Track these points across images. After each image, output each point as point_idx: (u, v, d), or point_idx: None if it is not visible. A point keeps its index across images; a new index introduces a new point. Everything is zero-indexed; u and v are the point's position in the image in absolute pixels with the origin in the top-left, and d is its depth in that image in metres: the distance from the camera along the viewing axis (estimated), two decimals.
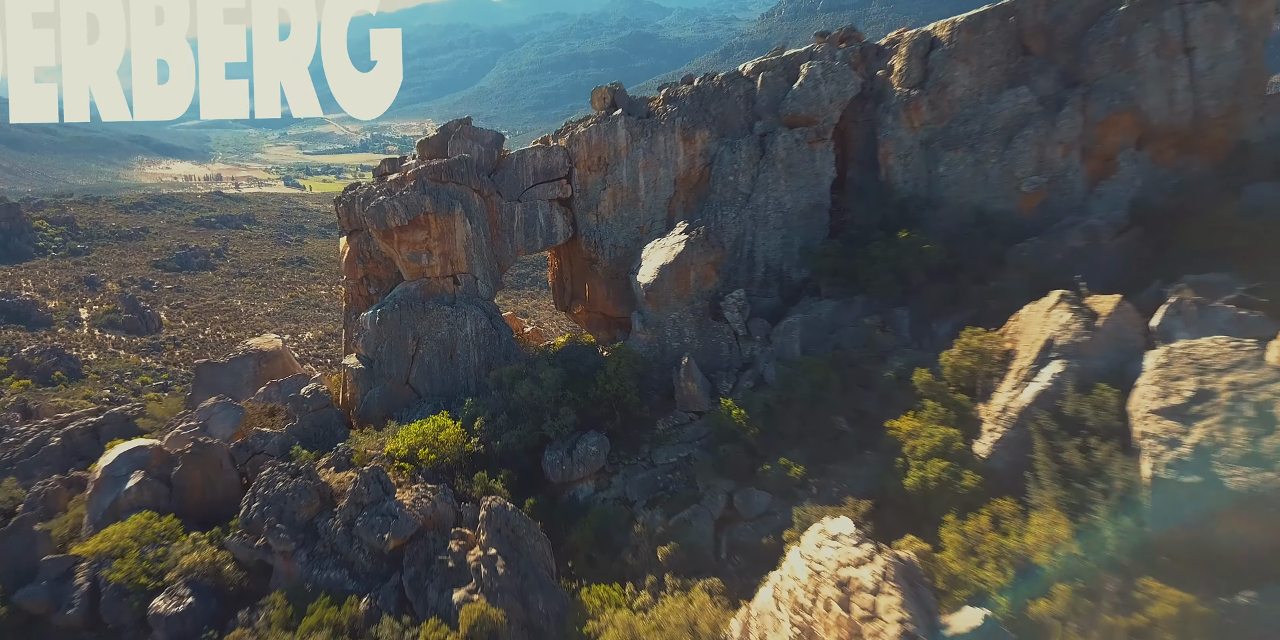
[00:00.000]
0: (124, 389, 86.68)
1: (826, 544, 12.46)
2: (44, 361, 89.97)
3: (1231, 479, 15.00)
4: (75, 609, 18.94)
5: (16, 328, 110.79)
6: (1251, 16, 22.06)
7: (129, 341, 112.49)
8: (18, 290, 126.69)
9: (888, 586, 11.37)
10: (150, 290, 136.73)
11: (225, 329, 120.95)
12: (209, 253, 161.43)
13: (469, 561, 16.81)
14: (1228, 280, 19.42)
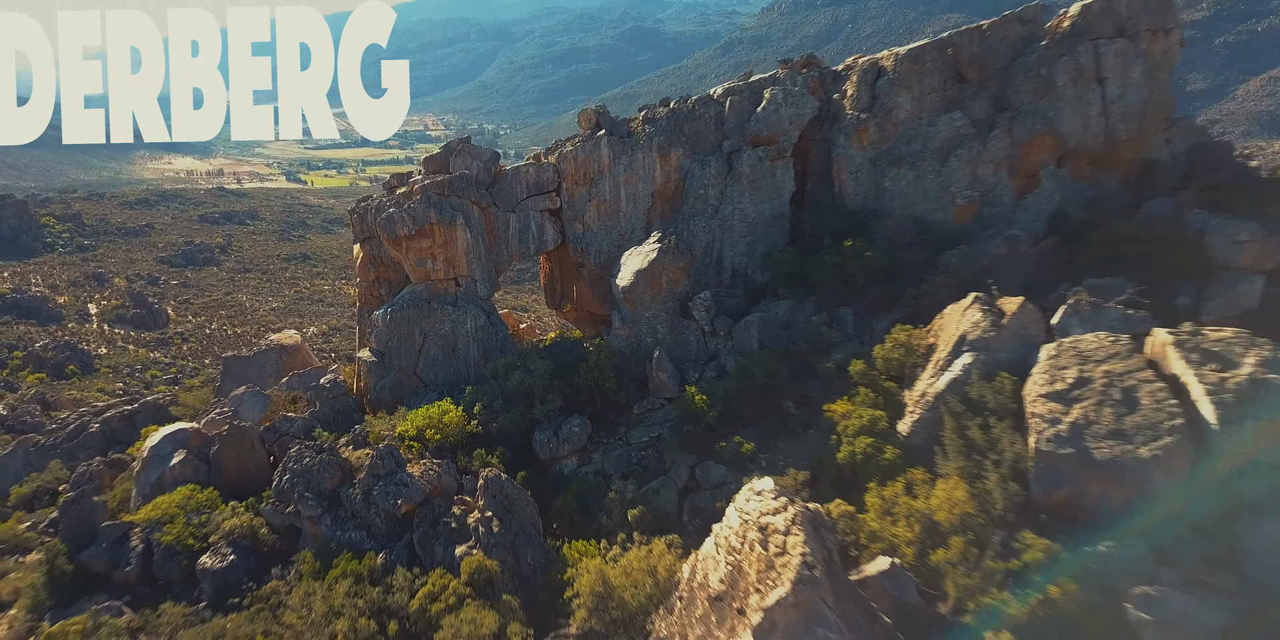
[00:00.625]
0: (136, 382, 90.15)
1: (753, 498, 15.69)
2: (58, 356, 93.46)
3: (1098, 450, 18.19)
4: (132, 567, 22.24)
5: (28, 323, 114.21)
6: (1156, 51, 25.23)
7: (137, 336, 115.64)
8: (28, 286, 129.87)
9: (795, 529, 14.57)
10: (157, 286, 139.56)
11: (231, 324, 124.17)
12: (214, 249, 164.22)
13: (469, 523, 20.09)
14: (1120, 284, 22.63)
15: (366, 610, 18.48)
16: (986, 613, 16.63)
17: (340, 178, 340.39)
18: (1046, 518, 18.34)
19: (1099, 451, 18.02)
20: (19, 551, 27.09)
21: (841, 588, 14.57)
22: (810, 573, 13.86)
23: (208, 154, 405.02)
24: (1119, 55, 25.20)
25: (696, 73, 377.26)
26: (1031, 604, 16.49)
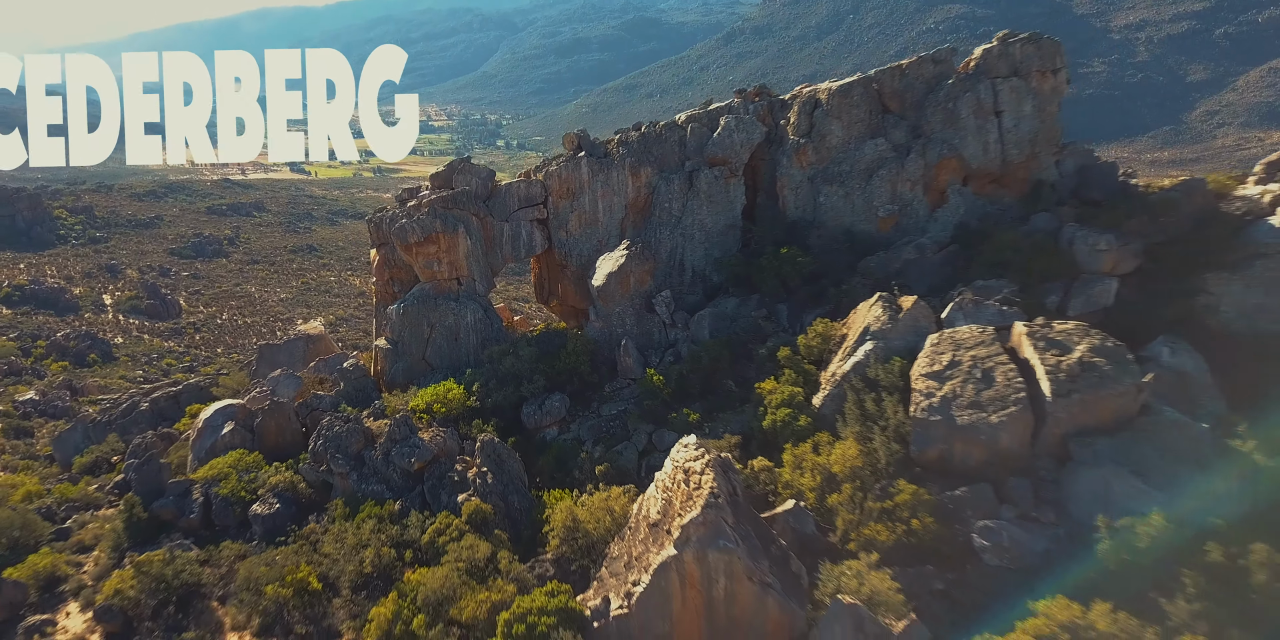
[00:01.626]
0: (154, 370, 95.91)
1: (682, 449, 20.96)
2: (79, 345, 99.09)
3: (960, 418, 23.46)
4: (195, 514, 27.63)
5: (46, 313, 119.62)
6: (1045, 88, 30.37)
7: (152, 326, 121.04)
8: (44, 277, 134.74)
9: (708, 470, 19.84)
10: (168, 277, 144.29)
11: (242, 314, 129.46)
12: (222, 240, 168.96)
13: (469, 476, 25.45)
14: (1001, 285, 27.81)
15: (388, 542, 23.85)
16: (865, 540, 21.99)
17: (344, 168, 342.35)
18: (920, 470, 23.68)
19: (961, 418, 23.34)
20: (91, 507, 32.50)
21: (741, 514, 19.89)
22: (715, 501, 19.18)
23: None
24: (1013, 92, 30.38)
25: (699, 63, 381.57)
26: (898, 533, 21.86)
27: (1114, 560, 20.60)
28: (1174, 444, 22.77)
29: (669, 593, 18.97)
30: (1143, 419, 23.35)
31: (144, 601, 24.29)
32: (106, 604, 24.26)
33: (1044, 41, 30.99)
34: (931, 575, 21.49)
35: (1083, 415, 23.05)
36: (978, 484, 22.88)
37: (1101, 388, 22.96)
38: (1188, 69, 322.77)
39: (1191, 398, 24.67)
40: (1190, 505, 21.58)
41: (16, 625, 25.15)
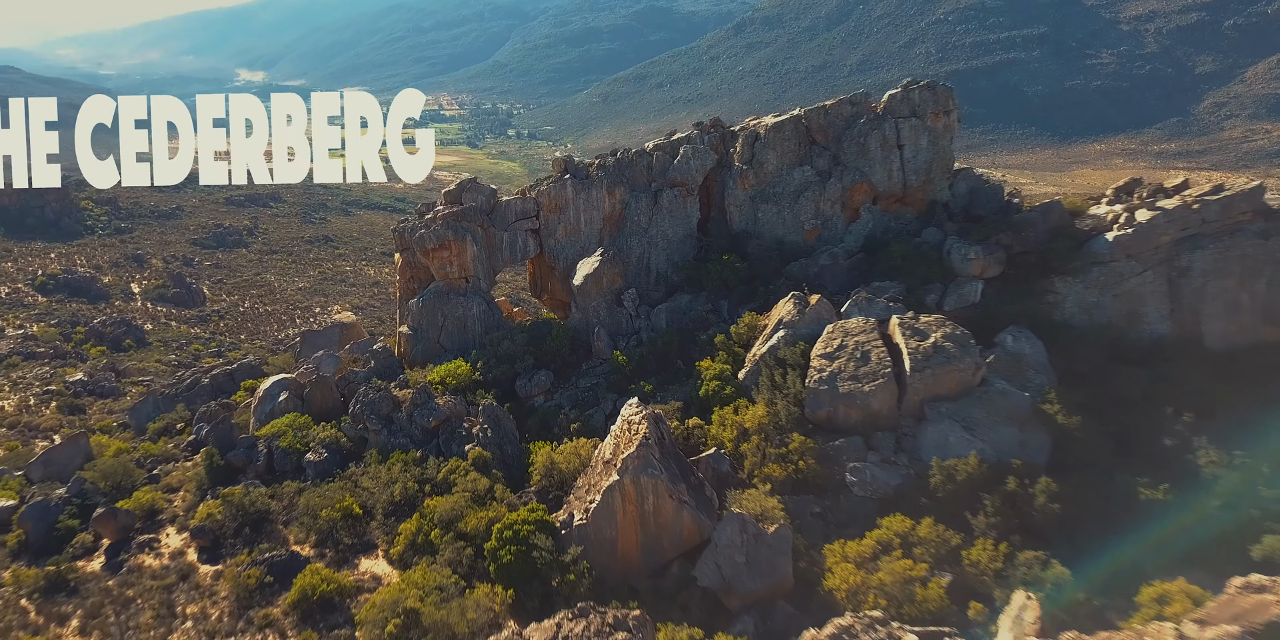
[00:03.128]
0: (185, 354, 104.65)
1: (629, 407, 29.16)
2: (115, 331, 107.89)
3: (842, 387, 31.55)
4: (260, 462, 36.02)
5: (79, 301, 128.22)
6: (938, 126, 38.31)
7: (178, 313, 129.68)
8: (74, 267, 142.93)
9: (643, 421, 28.01)
10: (192, 267, 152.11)
11: (262, 302, 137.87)
12: (241, 231, 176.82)
13: (474, 432, 33.76)
14: (891, 286, 35.88)
15: (411, 479, 32.20)
16: (764, 476, 30.14)
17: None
18: (811, 427, 31.87)
19: (843, 388, 31.49)
20: (170, 461, 40.94)
21: (667, 452, 28.10)
22: (647, 442, 27.39)
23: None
24: (912, 129, 38.38)
25: (709, 53, 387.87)
26: (789, 471, 30.01)
27: (941, 490, 28.88)
28: (1000, 407, 30.97)
29: (614, 507, 27.22)
30: (980, 388, 31.57)
31: (227, 524, 32.75)
32: (200, 525, 32.73)
33: (939, 88, 38.93)
34: (811, 502, 29.83)
35: (934, 386, 31.23)
36: (852, 437, 31.20)
37: (948, 365, 31.13)
38: (1196, 61, 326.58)
39: (1024, 374, 32.74)
40: (1001, 451, 29.82)
41: (130, 542, 33.67)
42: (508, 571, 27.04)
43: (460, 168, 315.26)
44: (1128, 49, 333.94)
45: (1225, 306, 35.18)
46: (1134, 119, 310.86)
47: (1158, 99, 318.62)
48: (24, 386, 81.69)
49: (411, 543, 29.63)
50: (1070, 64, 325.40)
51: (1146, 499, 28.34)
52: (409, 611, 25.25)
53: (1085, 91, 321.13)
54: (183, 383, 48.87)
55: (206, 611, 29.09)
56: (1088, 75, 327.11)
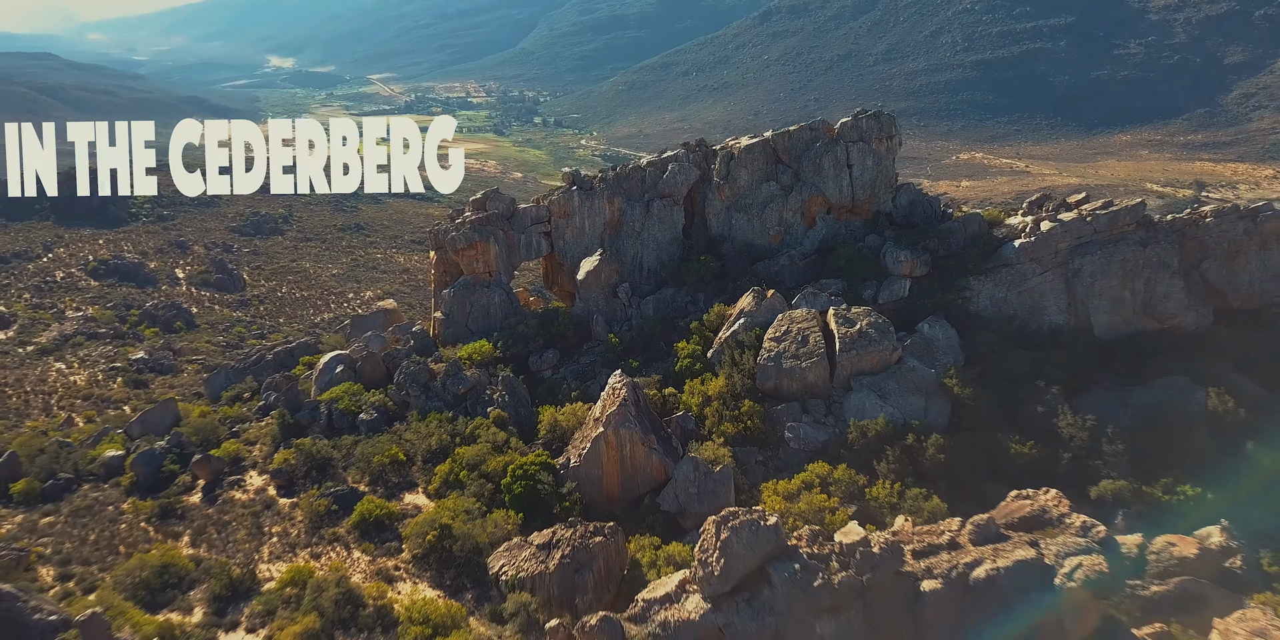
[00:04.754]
0: (231, 336, 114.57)
1: (613, 378, 38.08)
2: (166, 313, 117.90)
3: (785, 363, 40.32)
4: (322, 421, 45.39)
5: (129, 285, 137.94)
6: (882, 150, 46.87)
7: (220, 298, 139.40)
8: (122, 253, 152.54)
9: (624, 388, 36.91)
10: (231, 253, 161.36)
11: (299, 288, 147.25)
12: (277, 219, 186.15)
13: (494, 397, 42.93)
14: (835, 283, 44.50)
15: (445, 433, 41.40)
16: (720, 432, 38.97)
17: (386, 146, 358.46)
18: (761, 395, 40.61)
19: (785, 364, 40.20)
20: (244, 422, 50.43)
21: (641, 412, 37.04)
22: (626, 403, 36.34)
23: (257, 120, 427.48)
24: (859, 152, 46.99)
25: (734, 42, 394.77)
26: (739, 428, 38.80)
27: (857, 444, 37.63)
28: (910, 380, 39.66)
29: (600, 452, 36.23)
30: (896, 365, 40.25)
31: (299, 467, 42.12)
32: (278, 468, 42.16)
33: (883, 117, 47.50)
34: (756, 452, 38.71)
35: (859, 363, 39.95)
36: (791, 403, 40.00)
37: (870, 347, 39.83)
38: (1226, 51, 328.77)
39: (934, 354, 41.32)
40: (908, 414, 38.42)
41: (221, 482, 43.19)
42: (519, 500, 36.19)
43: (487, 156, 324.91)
44: (1156, 39, 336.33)
45: (1110, 302, 43.50)
46: (1160, 110, 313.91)
47: (1185, 89, 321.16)
48: (91, 363, 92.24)
49: (445, 480, 38.85)
50: (1097, 54, 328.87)
51: (1015, 452, 36.96)
52: (444, 526, 34.44)
53: (1111, 82, 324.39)
54: (249, 359, 58.50)
55: (287, 530, 38.50)
56: (1114, 65, 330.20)
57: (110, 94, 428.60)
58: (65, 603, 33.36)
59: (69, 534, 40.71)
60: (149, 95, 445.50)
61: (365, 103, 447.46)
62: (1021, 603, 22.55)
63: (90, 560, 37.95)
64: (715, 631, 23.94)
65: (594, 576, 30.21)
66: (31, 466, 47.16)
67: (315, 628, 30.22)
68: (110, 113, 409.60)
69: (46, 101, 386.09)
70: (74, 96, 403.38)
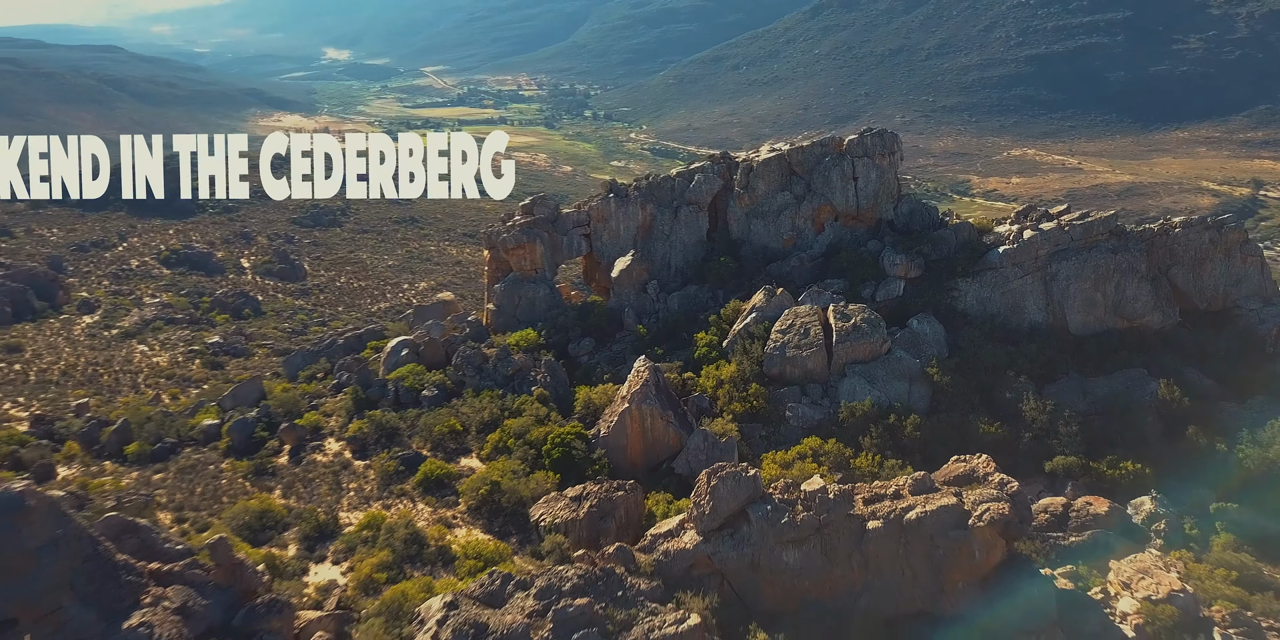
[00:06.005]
0: (295, 323, 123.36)
1: (639, 362, 45.14)
2: (235, 301, 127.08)
3: (788, 352, 47.25)
4: (390, 396, 53.19)
5: (199, 274, 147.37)
6: (884, 164, 53.30)
7: (283, 287, 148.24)
8: (191, 243, 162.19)
9: (646, 369, 43.95)
10: (292, 244, 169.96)
11: (357, 278, 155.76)
12: (335, 212, 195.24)
13: (538, 378, 50.38)
14: (838, 283, 51.07)
15: (495, 408, 48.88)
16: (730, 411, 45.96)
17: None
18: (767, 379, 47.45)
19: (789, 353, 47.04)
20: (320, 397, 58.46)
21: (661, 391, 44.14)
22: (647, 383, 43.43)
23: (313, 111, 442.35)
24: (864, 166, 53.50)
25: (785, 36, 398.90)
26: (746, 407, 45.84)
27: (846, 422, 44.28)
28: (896, 369, 46.22)
29: (625, 424, 43.38)
30: (885, 355, 46.82)
31: (370, 435, 49.90)
32: (353, 435, 50.00)
33: (885, 134, 53.97)
34: (760, 428, 45.56)
35: (853, 353, 46.57)
36: (793, 387, 46.77)
37: (862, 339, 46.44)
38: None
39: (921, 347, 47.80)
40: (892, 398, 44.99)
41: (304, 447, 51.17)
42: (556, 463, 43.49)
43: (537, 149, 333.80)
44: (1217, 34, 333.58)
45: (1084, 302, 49.55)
46: (1220, 106, 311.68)
47: (1246, 85, 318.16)
48: (170, 346, 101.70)
49: (495, 447, 46.32)
50: (1155, 49, 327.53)
51: (984, 432, 43.40)
52: (494, 483, 41.89)
53: (1169, 77, 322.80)
54: (322, 343, 66.74)
55: (362, 486, 46.29)
56: (1173, 61, 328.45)
57: (173, 86, 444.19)
58: (184, 539, 41.52)
59: (179, 487, 49.02)
60: (210, 87, 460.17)
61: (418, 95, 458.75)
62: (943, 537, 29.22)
63: (199, 507, 46.13)
64: (705, 558, 30.97)
65: (616, 523, 37.38)
66: (140, 432, 55.71)
67: (388, 560, 37.77)
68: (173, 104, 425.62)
69: (113, 93, 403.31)
70: (140, 88, 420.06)
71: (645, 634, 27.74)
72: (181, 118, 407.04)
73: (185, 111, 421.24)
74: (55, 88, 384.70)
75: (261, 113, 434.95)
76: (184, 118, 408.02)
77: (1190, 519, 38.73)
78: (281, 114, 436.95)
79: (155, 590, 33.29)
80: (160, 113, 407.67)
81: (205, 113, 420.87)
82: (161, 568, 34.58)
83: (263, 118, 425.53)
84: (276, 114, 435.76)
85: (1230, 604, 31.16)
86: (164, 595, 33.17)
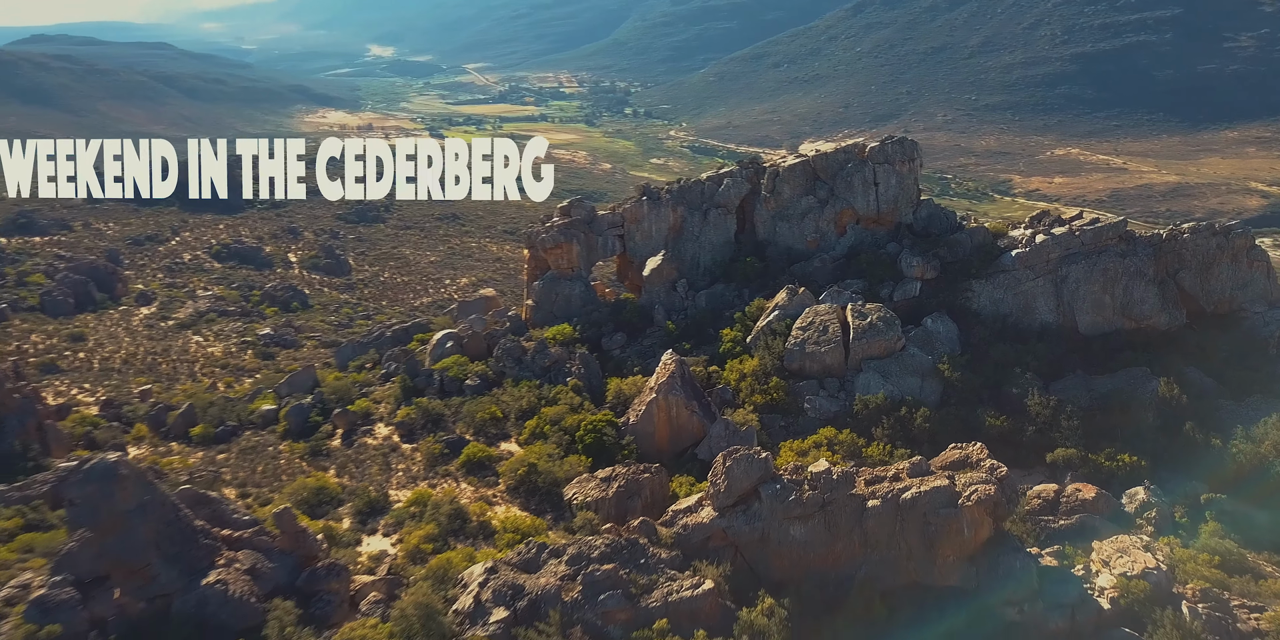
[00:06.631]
0: (341, 316, 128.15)
1: (666, 355, 48.69)
2: (284, 294, 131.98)
3: (808, 347, 50.64)
4: (435, 385, 57.30)
5: (248, 268, 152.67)
6: (904, 170, 56.38)
7: (329, 281, 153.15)
8: (241, 237, 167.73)
9: (672, 363, 47.50)
10: (338, 240, 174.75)
11: (400, 274, 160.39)
12: (379, 208, 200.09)
13: (572, 369, 54.21)
14: (858, 283, 54.23)
15: (533, 397, 52.76)
16: (751, 402, 49.46)
17: (479, 133, 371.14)
18: (787, 373, 50.89)
19: (809, 349, 50.46)
20: (371, 385, 62.74)
21: (686, 382, 47.75)
22: (672, 374, 47.04)
23: (357, 108, 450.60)
24: (885, 172, 56.63)
25: (827, 34, 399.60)
26: (767, 399, 49.19)
27: (861, 414, 47.55)
28: (909, 365, 49.39)
29: (653, 413, 47.02)
30: (899, 352, 49.98)
31: (417, 420, 54.03)
32: (401, 421, 54.17)
33: (905, 142, 57.07)
34: (779, 419, 48.98)
35: (868, 350, 49.81)
36: (811, 380, 50.13)
37: (878, 337, 49.67)
38: None
39: (934, 344, 50.87)
40: (905, 392, 48.12)
41: (356, 430, 55.44)
42: (589, 448, 47.25)
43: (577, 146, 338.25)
44: (1270, 31, 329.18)
45: (1093, 304, 52.28)
46: (1272, 105, 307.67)
47: None
48: (224, 337, 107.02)
49: (532, 432, 50.19)
50: (1205, 47, 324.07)
51: (990, 424, 46.42)
52: (531, 465, 45.75)
53: (1220, 76, 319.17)
54: (370, 335, 71.20)
55: (409, 467, 50.42)
56: (1224, 59, 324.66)
57: (221, 83, 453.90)
58: (249, 512, 45.86)
59: (241, 466, 53.51)
60: (257, 84, 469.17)
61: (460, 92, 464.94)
62: (935, 515, 32.49)
63: (260, 484, 50.52)
64: (720, 532, 34.53)
65: (642, 502, 41.04)
66: (204, 416, 60.43)
67: (434, 533, 41.73)
68: (221, 101, 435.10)
69: (164, 90, 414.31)
70: (189, 85, 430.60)
71: (664, 597, 31.45)
72: (229, 114, 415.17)
73: (232, 108, 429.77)
74: (109, 84, 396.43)
75: (306, 109, 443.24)
76: (231, 114, 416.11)
77: (1181, 508, 41.55)
78: (326, 110, 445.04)
79: (228, 554, 37.69)
80: (208, 109, 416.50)
81: (252, 109, 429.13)
82: (232, 534, 38.99)
83: (308, 114, 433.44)
84: (321, 110, 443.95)
85: (1203, 582, 34.07)
86: (235, 558, 37.58)
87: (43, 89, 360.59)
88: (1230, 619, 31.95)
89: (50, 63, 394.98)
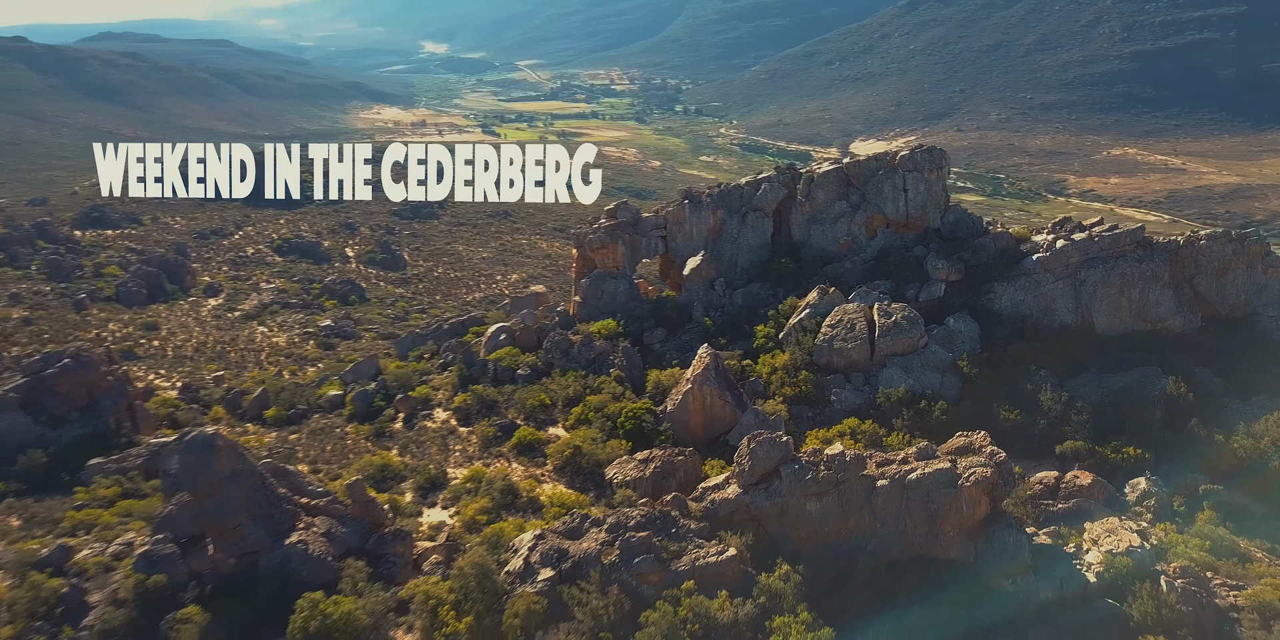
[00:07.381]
0: (397, 310, 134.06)
1: (702, 348, 52.94)
2: (343, 288, 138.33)
3: (835, 344, 54.60)
4: (489, 374, 62.24)
5: (308, 262, 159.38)
6: (932, 178, 59.98)
7: (385, 275, 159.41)
8: (300, 233, 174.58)
9: (707, 355, 51.71)
10: (393, 235, 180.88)
11: (453, 269, 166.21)
12: (434, 204, 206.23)
13: (616, 361, 58.75)
14: (886, 284, 57.96)
15: (579, 386, 57.38)
16: (781, 394, 53.61)
17: (530, 131, 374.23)
18: (816, 368, 54.91)
19: (836, 345, 54.47)
20: (429, 374, 67.89)
21: (720, 374, 52.01)
22: (709, 367, 51.31)
23: (411, 105, 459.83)
24: (914, 180, 60.28)
25: (880, 31, 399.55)
26: (796, 391, 53.43)
27: (883, 406, 51.39)
28: (931, 361, 53.12)
29: (688, 401, 51.36)
30: (922, 349, 53.70)
31: (473, 406, 58.99)
32: (458, 406, 59.16)
33: (934, 151, 60.68)
34: (807, 410, 53.04)
35: (893, 347, 53.63)
36: (837, 374, 54.09)
37: (901, 335, 53.47)
38: None
39: (955, 342, 54.49)
40: (926, 386, 51.86)
41: (416, 415, 60.56)
42: (629, 433, 51.74)
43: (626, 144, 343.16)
44: None
45: (1110, 306, 55.48)
46: None
47: None
48: (287, 328, 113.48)
49: (578, 418, 54.82)
50: (1269, 45, 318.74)
51: (1004, 418, 49.99)
52: (576, 448, 50.39)
53: None
54: (429, 328, 76.52)
55: (465, 448, 55.37)
56: None
57: (279, 79, 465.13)
58: None
59: (312, 445, 58.89)
60: (314, 80, 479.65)
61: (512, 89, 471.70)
62: (937, 494, 36.44)
63: (330, 461, 55.81)
64: (744, 506, 38.81)
65: (676, 481, 45.45)
66: (276, 400, 66.04)
67: (488, 506, 46.52)
68: (279, 97, 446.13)
69: (224, 86, 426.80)
70: (249, 81, 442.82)
71: (692, 561, 35.85)
72: (287, 110, 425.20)
73: (290, 104, 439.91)
74: (172, 80, 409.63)
75: (362, 105, 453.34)
76: (290, 110, 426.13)
77: (1180, 497, 44.85)
78: (381, 106, 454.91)
79: (306, 519, 42.95)
80: (268, 105, 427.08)
81: (309, 105, 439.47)
82: (310, 502, 44.22)
83: (363, 110, 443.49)
84: (376, 106, 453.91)
85: (1185, 561, 37.56)
86: (313, 523, 42.83)
87: (110, 86, 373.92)
88: (1207, 594, 35.44)
89: (118, 60, 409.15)
